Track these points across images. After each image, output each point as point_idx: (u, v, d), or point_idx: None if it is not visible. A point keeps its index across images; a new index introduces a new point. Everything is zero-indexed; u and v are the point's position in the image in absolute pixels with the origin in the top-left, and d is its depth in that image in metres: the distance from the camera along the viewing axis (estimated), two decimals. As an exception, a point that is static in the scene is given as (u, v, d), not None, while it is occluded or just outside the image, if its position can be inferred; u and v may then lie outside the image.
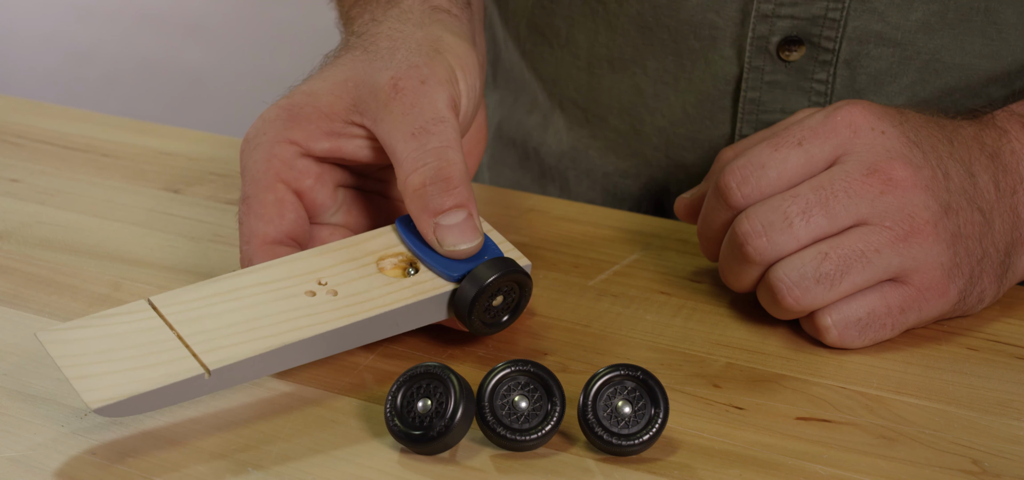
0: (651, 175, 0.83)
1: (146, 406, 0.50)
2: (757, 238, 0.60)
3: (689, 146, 0.81)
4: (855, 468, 0.52)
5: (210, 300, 0.54)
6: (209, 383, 0.51)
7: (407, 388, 0.52)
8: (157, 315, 0.53)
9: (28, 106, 0.93)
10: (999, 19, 0.72)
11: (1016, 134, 0.64)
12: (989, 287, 0.63)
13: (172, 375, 0.51)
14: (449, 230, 0.57)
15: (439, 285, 0.57)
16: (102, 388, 0.50)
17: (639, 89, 0.81)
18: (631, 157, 0.84)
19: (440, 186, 0.57)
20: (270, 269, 0.57)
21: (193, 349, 0.52)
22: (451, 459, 0.52)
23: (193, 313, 0.54)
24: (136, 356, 0.51)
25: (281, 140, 0.60)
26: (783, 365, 0.60)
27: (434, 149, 0.58)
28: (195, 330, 0.53)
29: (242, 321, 0.54)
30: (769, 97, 0.77)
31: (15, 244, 0.70)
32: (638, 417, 0.52)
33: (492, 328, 0.58)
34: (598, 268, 0.69)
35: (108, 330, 0.53)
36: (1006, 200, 0.63)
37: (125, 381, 0.50)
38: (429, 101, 0.59)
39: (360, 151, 0.61)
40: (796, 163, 0.61)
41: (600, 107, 0.83)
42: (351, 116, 0.60)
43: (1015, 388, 0.59)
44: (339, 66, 0.62)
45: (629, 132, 0.83)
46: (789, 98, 0.76)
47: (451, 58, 0.61)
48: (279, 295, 0.55)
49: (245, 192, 0.60)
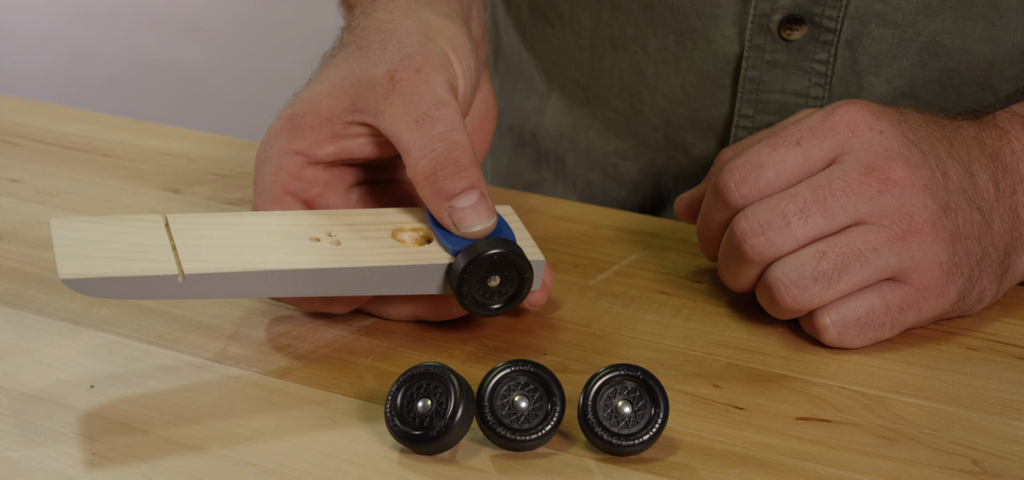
0: (650, 156, 0.83)
1: (116, 292, 0.52)
2: (755, 237, 0.60)
3: (688, 126, 0.80)
4: (855, 468, 0.52)
5: (220, 225, 0.57)
6: (182, 287, 0.53)
7: (407, 388, 0.52)
8: (165, 230, 0.56)
9: (28, 106, 0.93)
10: (1001, 3, 0.72)
11: (1017, 134, 0.64)
12: (989, 287, 0.63)
13: (146, 269, 0.53)
14: (464, 212, 0.58)
15: (438, 255, 0.58)
16: (77, 266, 0.52)
17: (640, 68, 0.81)
18: (630, 137, 0.84)
19: (450, 170, 0.58)
20: (287, 216, 0.59)
21: (179, 255, 0.54)
22: (451, 459, 0.52)
23: (197, 232, 0.56)
24: (126, 251, 0.54)
25: (286, 152, 0.60)
26: (783, 365, 0.60)
27: (440, 134, 0.58)
28: (190, 243, 0.55)
29: (237, 245, 0.56)
30: (769, 77, 0.76)
31: (15, 244, 0.70)
32: (638, 417, 0.52)
33: (482, 309, 0.58)
34: (598, 268, 0.69)
35: (114, 228, 0.55)
36: (1006, 200, 0.63)
37: (102, 265, 0.52)
38: (428, 88, 0.59)
39: (365, 148, 0.61)
40: (794, 162, 0.61)
41: (601, 87, 0.83)
42: (351, 116, 0.61)
43: (1015, 388, 0.59)
44: (334, 67, 0.62)
45: (629, 112, 0.83)
46: (789, 78, 0.76)
47: (443, 41, 0.62)
48: (285, 236, 0.57)
49: (255, 205, 0.61)
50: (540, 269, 0.59)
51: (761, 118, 0.77)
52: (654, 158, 0.83)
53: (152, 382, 0.57)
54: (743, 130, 0.78)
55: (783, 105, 0.77)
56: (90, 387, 0.56)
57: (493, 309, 0.58)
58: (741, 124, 0.78)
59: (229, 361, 0.59)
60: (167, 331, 0.61)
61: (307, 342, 0.61)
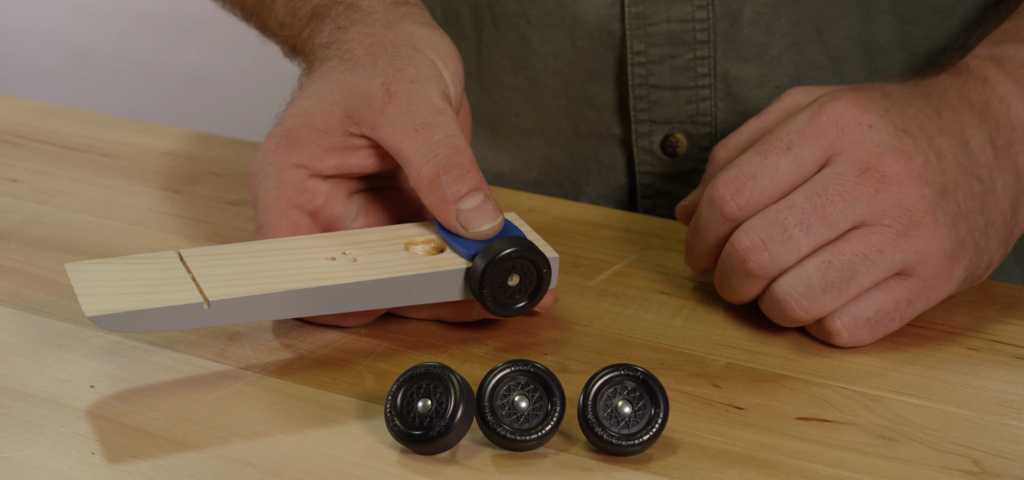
0: (556, 125, 0.83)
1: (143, 326, 0.53)
2: (759, 253, 0.60)
3: (587, 78, 0.80)
4: (855, 468, 0.52)
5: (233, 254, 0.58)
6: (208, 315, 0.54)
7: (407, 388, 0.52)
8: (181, 263, 0.56)
9: (28, 106, 0.93)
10: None
11: (997, 79, 0.64)
12: (997, 251, 0.63)
13: (172, 300, 0.53)
14: (471, 214, 0.58)
15: (455, 261, 0.58)
16: (102, 303, 0.53)
17: (526, 39, 0.81)
18: (532, 110, 0.83)
19: (454, 174, 0.58)
20: (298, 240, 0.59)
21: (200, 284, 0.55)
22: (451, 459, 0.52)
23: (212, 261, 0.57)
24: (146, 285, 0.54)
25: (287, 166, 0.61)
26: (783, 365, 0.60)
27: (440, 140, 0.59)
28: (208, 272, 0.56)
29: (256, 271, 0.56)
30: (653, 9, 0.77)
31: (15, 244, 0.70)
32: (638, 417, 0.52)
33: (505, 309, 0.59)
34: (598, 268, 0.69)
35: (129, 266, 0.56)
36: (1004, 156, 0.63)
37: (126, 300, 0.53)
38: (423, 97, 0.60)
39: (365, 161, 0.62)
40: (787, 169, 0.60)
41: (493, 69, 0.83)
42: (347, 128, 0.61)
43: (1015, 388, 0.59)
44: (321, 81, 0.62)
45: (526, 86, 0.83)
46: (672, 6, 0.77)
47: (430, 51, 0.62)
48: (301, 257, 0.58)
49: (259, 222, 0.61)
50: (556, 265, 0.60)
51: (654, 51, 0.77)
52: (561, 125, 0.83)
53: (152, 382, 0.57)
54: (640, 68, 0.78)
55: (672, 33, 0.77)
56: (90, 387, 0.56)
57: (517, 308, 0.59)
58: (636, 61, 0.78)
59: (229, 361, 0.59)
60: (167, 331, 0.61)
61: (307, 342, 0.61)
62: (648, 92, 0.79)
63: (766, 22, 0.76)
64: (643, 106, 0.79)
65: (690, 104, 0.79)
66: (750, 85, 0.78)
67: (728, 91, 0.78)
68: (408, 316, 0.63)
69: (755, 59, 0.78)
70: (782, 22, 0.76)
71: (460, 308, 0.62)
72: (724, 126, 0.79)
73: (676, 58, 0.78)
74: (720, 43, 0.77)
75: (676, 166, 0.81)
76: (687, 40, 0.77)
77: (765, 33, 0.77)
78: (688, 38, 0.77)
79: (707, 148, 0.79)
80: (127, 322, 0.53)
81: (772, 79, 0.78)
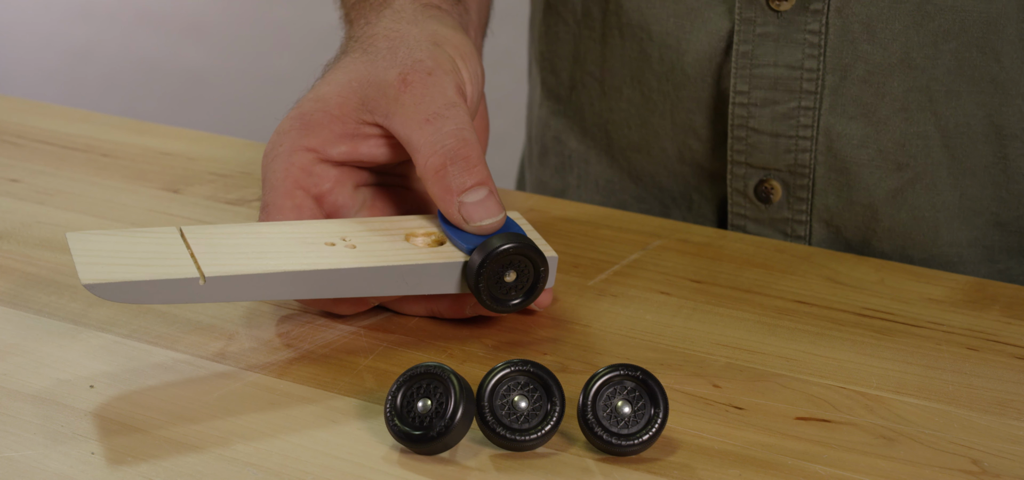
0: (661, 147, 0.83)
1: (137, 297, 0.53)
2: None
3: (694, 107, 0.80)
4: (855, 468, 0.52)
5: (233, 234, 0.58)
6: (204, 290, 0.54)
7: (407, 388, 0.52)
8: (181, 239, 0.57)
9: (28, 106, 0.93)
10: None
11: None
12: None
13: (168, 273, 0.54)
14: (474, 207, 0.59)
15: (453, 254, 0.59)
16: (99, 272, 0.53)
17: (645, 54, 0.81)
18: (642, 127, 0.84)
19: (460, 166, 0.59)
20: (299, 225, 0.60)
21: (198, 260, 0.55)
22: (451, 459, 0.52)
23: (212, 240, 0.57)
24: (145, 258, 0.55)
25: (298, 148, 0.61)
26: (783, 365, 0.60)
27: (450, 131, 0.59)
28: (206, 249, 0.56)
29: (254, 250, 0.57)
30: (761, 50, 0.76)
31: (15, 244, 0.70)
32: (638, 417, 0.52)
33: (500, 305, 0.59)
34: (598, 268, 0.69)
35: (130, 238, 0.56)
36: None
37: (123, 270, 0.53)
38: (438, 89, 0.60)
39: (376, 150, 0.62)
40: None
41: (615, 78, 0.83)
42: (362, 116, 0.61)
43: (1015, 388, 0.59)
44: (342, 70, 0.63)
45: (640, 102, 0.83)
46: (782, 50, 0.76)
47: (450, 49, 0.63)
48: (299, 241, 0.58)
49: (265, 201, 0.62)
50: (554, 265, 0.60)
51: (757, 93, 0.77)
52: (666, 148, 0.83)
53: (152, 382, 0.57)
54: (741, 108, 0.78)
55: (777, 79, 0.76)
56: (90, 387, 0.56)
57: (512, 305, 0.59)
58: (737, 101, 0.78)
59: (229, 361, 0.59)
60: (166, 331, 0.61)
61: (307, 342, 0.61)
62: (747, 134, 0.78)
63: (877, 83, 0.75)
64: (741, 148, 0.79)
65: (789, 153, 0.78)
66: (853, 144, 0.76)
67: (829, 147, 0.77)
68: (401, 311, 0.63)
69: (861, 118, 0.76)
70: (893, 86, 0.75)
71: (455, 303, 0.62)
72: (823, 181, 0.78)
73: (779, 104, 0.77)
74: (827, 96, 0.76)
75: (770, 214, 0.80)
76: (793, 88, 0.76)
77: (875, 94, 0.75)
78: (793, 86, 0.76)
79: (803, 199, 0.79)
80: (122, 292, 0.53)
81: (877, 142, 0.76)
